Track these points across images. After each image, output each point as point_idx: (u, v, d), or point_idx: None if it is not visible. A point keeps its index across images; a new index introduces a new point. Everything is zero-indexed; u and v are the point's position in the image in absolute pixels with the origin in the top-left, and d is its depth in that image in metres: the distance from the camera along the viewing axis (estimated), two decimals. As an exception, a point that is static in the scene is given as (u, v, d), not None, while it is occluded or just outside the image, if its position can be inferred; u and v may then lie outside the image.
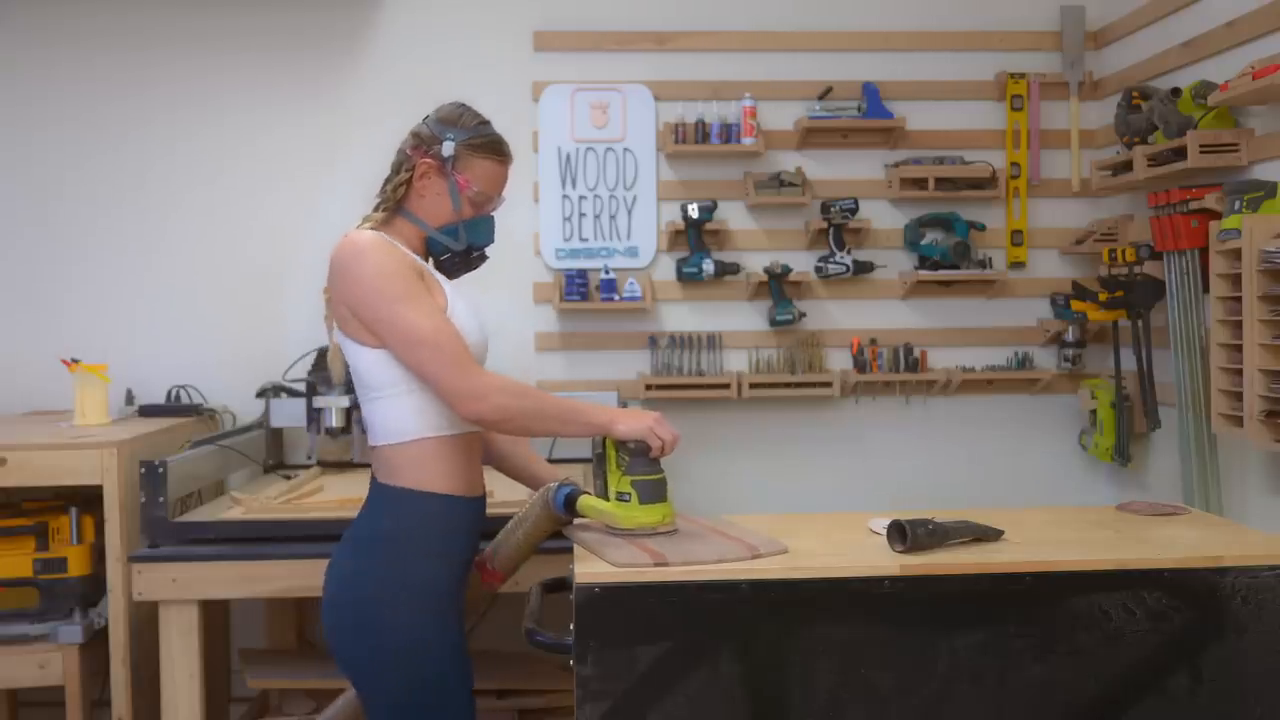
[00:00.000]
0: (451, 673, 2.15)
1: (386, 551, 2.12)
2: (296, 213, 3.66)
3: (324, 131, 3.70)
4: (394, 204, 2.20)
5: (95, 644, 2.95)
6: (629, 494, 2.14)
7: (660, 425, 2.11)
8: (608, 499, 2.17)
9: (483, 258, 2.29)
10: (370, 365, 2.12)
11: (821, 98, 3.75)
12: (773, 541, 2.10)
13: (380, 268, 2.06)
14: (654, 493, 2.15)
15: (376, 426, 2.16)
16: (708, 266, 3.69)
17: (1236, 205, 2.86)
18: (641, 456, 2.13)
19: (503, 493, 2.60)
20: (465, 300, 2.21)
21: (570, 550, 2.14)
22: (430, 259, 2.26)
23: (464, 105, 2.26)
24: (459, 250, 2.22)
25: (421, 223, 2.20)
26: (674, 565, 1.98)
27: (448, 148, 2.17)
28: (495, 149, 2.23)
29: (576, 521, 2.22)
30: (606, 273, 3.72)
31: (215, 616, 3.41)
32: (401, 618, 2.09)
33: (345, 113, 3.68)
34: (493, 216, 2.28)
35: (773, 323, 3.76)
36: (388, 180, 2.22)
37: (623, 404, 3.60)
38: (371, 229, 2.16)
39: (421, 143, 2.19)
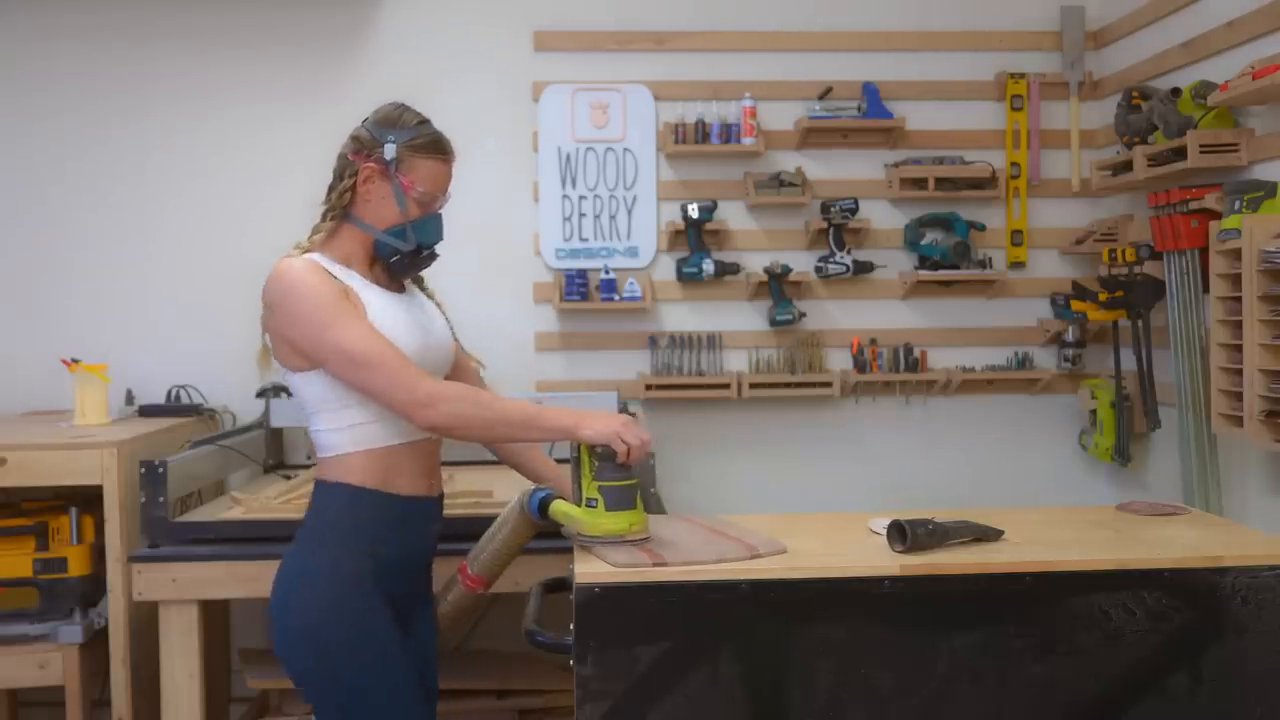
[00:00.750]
0: (371, 668, 2.10)
1: (307, 544, 2.15)
2: (296, 212, 3.64)
3: (324, 130, 3.63)
4: (340, 211, 2.20)
5: (95, 644, 2.95)
6: (596, 500, 2.10)
7: (628, 429, 2.05)
8: (580, 504, 2.14)
9: (432, 256, 2.26)
10: (300, 387, 2.15)
11: (821, 98, 3.75)
12: (772, 541, 2.10)
13: (306, 298, 2.07)
14: (621, 499, 2.10)
15: (321, 444, 2.17)
16: (708, 266, 3.69)
17: (1236, 205, 2.86)
18: (610, 461, 2.07)
19: (501, 493, 2.60)
20: (405, 308, 2.20)
21: (570, 550, 2.14)
22: (377, 262, 2.23)
23: (402, 105, 2.24)
24: (408, 251, 2.20)
25: (369, 227, 2.18)
26: (673, 566, 1.98)
27: (389, 150, 2.15)
28: (437, 148, 2.20)
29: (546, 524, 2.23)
30: (606, 273, 3.72)
31: (215, 616, 3.41)
32: (320, 603, 2.08)
33: (345, 111, 3.59)
34: (440, 215, 2.25)
35: (773, 323, 3.76)
36: (331, 187, 2.21)
37: (623, 405, 3.60)
38: (307, 247, 2.18)
39: (362, 147, 2.18)
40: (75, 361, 3.30)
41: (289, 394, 3.46)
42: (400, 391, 2.04)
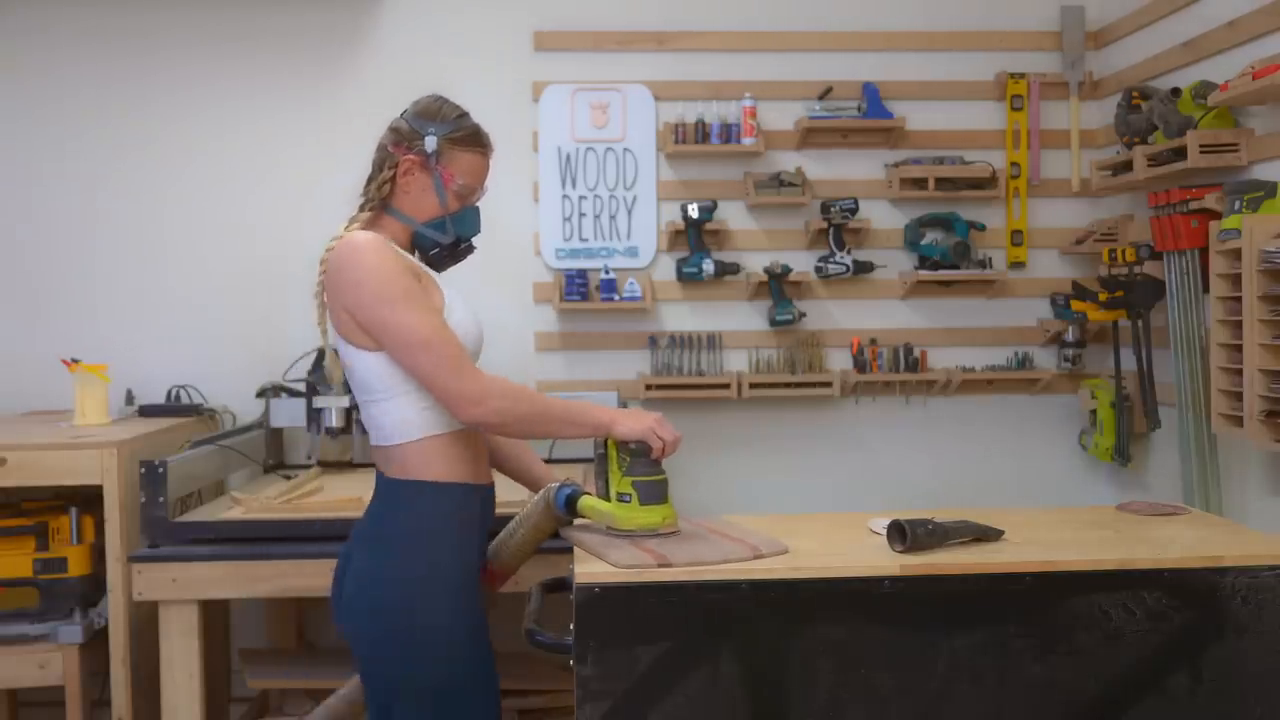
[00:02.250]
0: (481, 662, 2.15)
1: (410, 547, 2.10)
2: (297, 212, 3.66)
3: (324, 131, 3.70)
4: (379, 202, 2.18)
5: (95, 644, 2.95)
6: (630, 495, 2.13)
7: (661, 426, 2.10)
8: (609, 499, 2.17)
9: (470, 249, 2.26)
10: (370, 368, 2.10)
11: (821, 98, 3.75)
12: (774, 541, 2.10)
13: (377, 270, 2.05)
14: (655, 493, 2.14)
15: (384, 427, 2.14)
16: (708, 266, 3.69)
17: (1236, 205, 2.86)
18: (643, 457, 2.12)
19: (504, 493, 2.60)
20: (463, 298, 2.20)
21: (570, 550, 2.14)
22: (417, 254, 2.24)
23: (442, 98, 2.24)
24: (447, 243, 2.20)
25: (408, 219, 2.18)
26: (677, 566, 1.98)
27: (430, 143, 2.15)
28: (476, 140, 2.21)
29: (577, 522, 2.22)
30: (606, 273, 3.72)
31: (215, 616, 3.41)
32: (432, 615, 2.08)
33: (346, 112, 3.68)
34: (478, 207, 2.26)
35: (773, 323, 3.76)
36: (370, 179, 2.20)
37: (623, 404, 3.60)
38: (361, 229, 2.14)
39: (402, 139, 2.17)
40: (75, 361, 3.30)
41: (289, 394, 3.47)
42: (452, 382, 2.03)
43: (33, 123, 3.67)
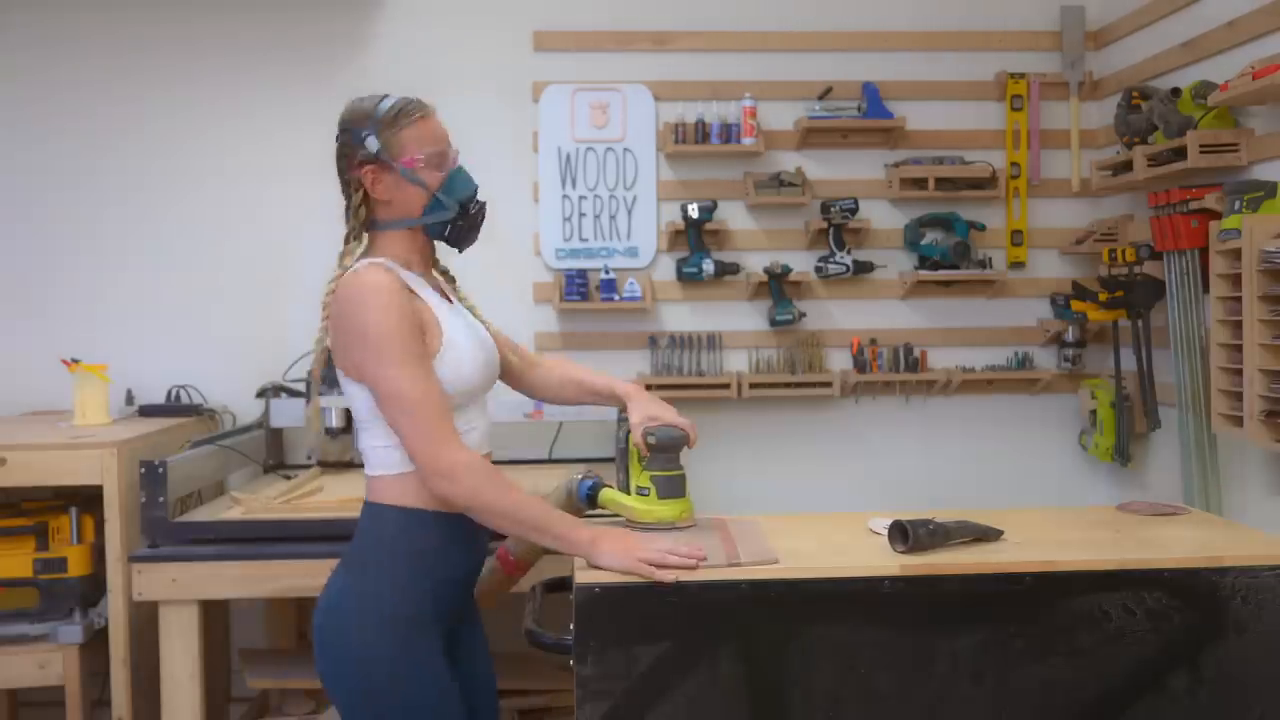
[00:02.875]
0: (418, 698, 2.04)
1: (365, 569, 2.06)
2: (297, 213, 3.66)
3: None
4: (363, 226, 2.12)
5: (95, 644, 2.95)
6: (648, 489, 2.18)
7: (650, 553, 1.97)
8: (629, 493, 2.21)
9: (481, 208, 2.17)
10: (366, 403, 2.06)
11: (821, 98, 3.75)
12: (764, 550, 2.07)
13: (379, 324, 1.98)
14: (672, 488, 2.18)
15: (369, 457, 2.10)
16: (708, 266, 3.69)
17: (1236, 205, 2.85)
18: (662, 453, 2.16)
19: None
20: (467, 327, 2.14)
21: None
22: (429, 253, 2.19)
23: (356, 99, 2.17)
24: (455, 216, 2.13)
25: (405, 221, 2.12)
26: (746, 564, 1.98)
27: (371, 143, 2.08)
28: (409, 111, 2.12)
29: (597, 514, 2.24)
30: (606, 273, 3.72)
31: (215, 616, 3.41)
32: (368, 635, 2.01)
33: None
34: (462, 166, 2.17)
35: (773, 323, 3.76)
36: (347, 210, 2.13)
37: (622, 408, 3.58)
38: (366, 260, 2.08)
39: (349, 157, 2.10)
40: (75, 361, 3.30)
41: (289, 394, 3.47)
42: (427, 450, 1.98)
43: (33, 125, 3.67)
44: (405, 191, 2.11)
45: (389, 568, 2.05)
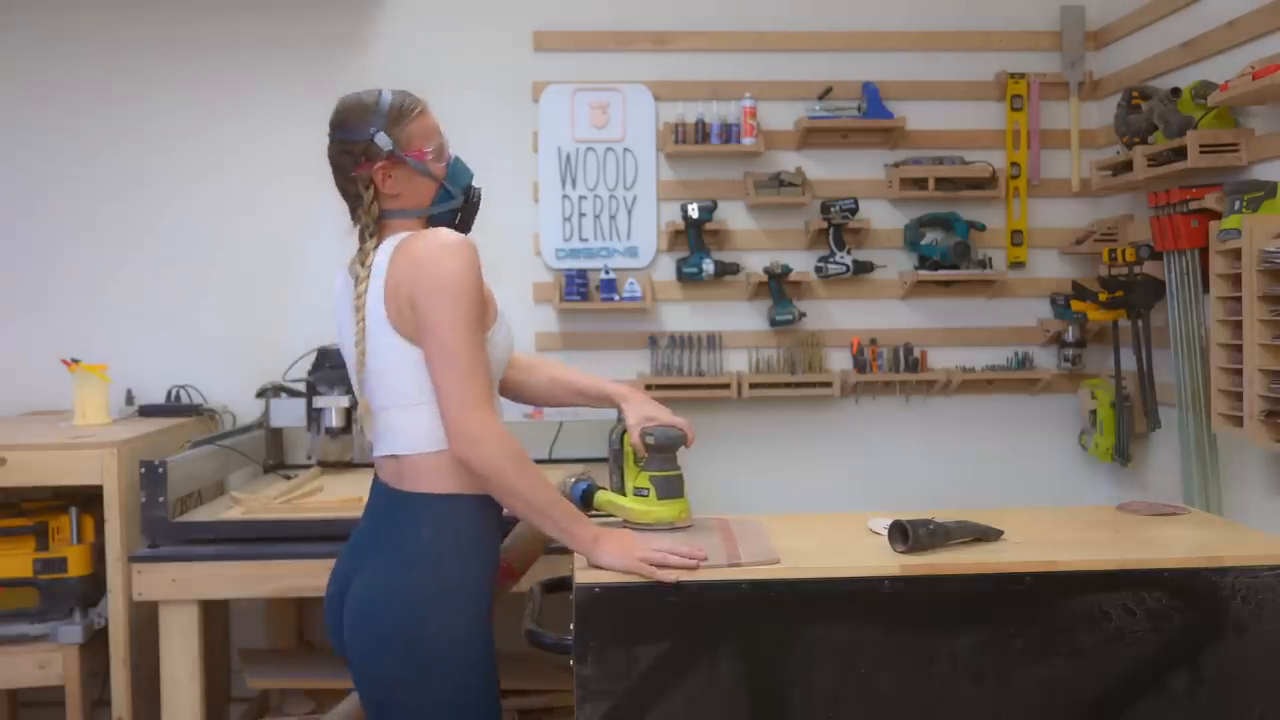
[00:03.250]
0: (492, 678, 2.06)
1: (428, 562, 2.02)
2: (296, 213, 3.66)
3: (323, 133, 3.69)
4: (378, 219, 2.10)
5: (95, 644, 2.95)
6: (647, 489, 2.17)
7: (650, 554, 1.98)
8: (624, 494, 2.20)
9: (479, 195, 2.20)
10: (410, 368, 2.02)
11: (821, 98, 3.75)
12: (766, 550, 2.07)
13: (463, 277, 1.98)
14: (671, 488, 2.18)
15: (413, 433, 2.04)
16: (708, 266, 3.70)
17: (1236, 205, 2.85)
18: (659, 453, 2.15)
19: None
20: (505, 315, 2.16)
21: (570, 550, 2.14)
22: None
23: (349, 97, 2.18)
24: (461, 203, 2.16)
25: (417, 212, 2.12)
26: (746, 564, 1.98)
27: (383, 140, 2.07)
28: (410, 104, 2.14)
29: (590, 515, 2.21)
30: (606, 273, 3.72)
31: (215, 616, 3.41)
32: (450, 629, 2.00)
33: None
34: (457, 155, 2.19)
35: (773, 323, 3.76)
36: (356, 209, 2.11)
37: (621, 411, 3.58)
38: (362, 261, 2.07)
39: (358, 155, 2.08)
40: (75, 361, 3.30)
41: (289, 394, 3.47)
42: (464, 410, 1.95)
43: (34, 125, 3.67)
44: (416, 184, 2.11)
45: (452, 552, 2.03)
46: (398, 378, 2.04)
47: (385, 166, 2.08)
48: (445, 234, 2.04)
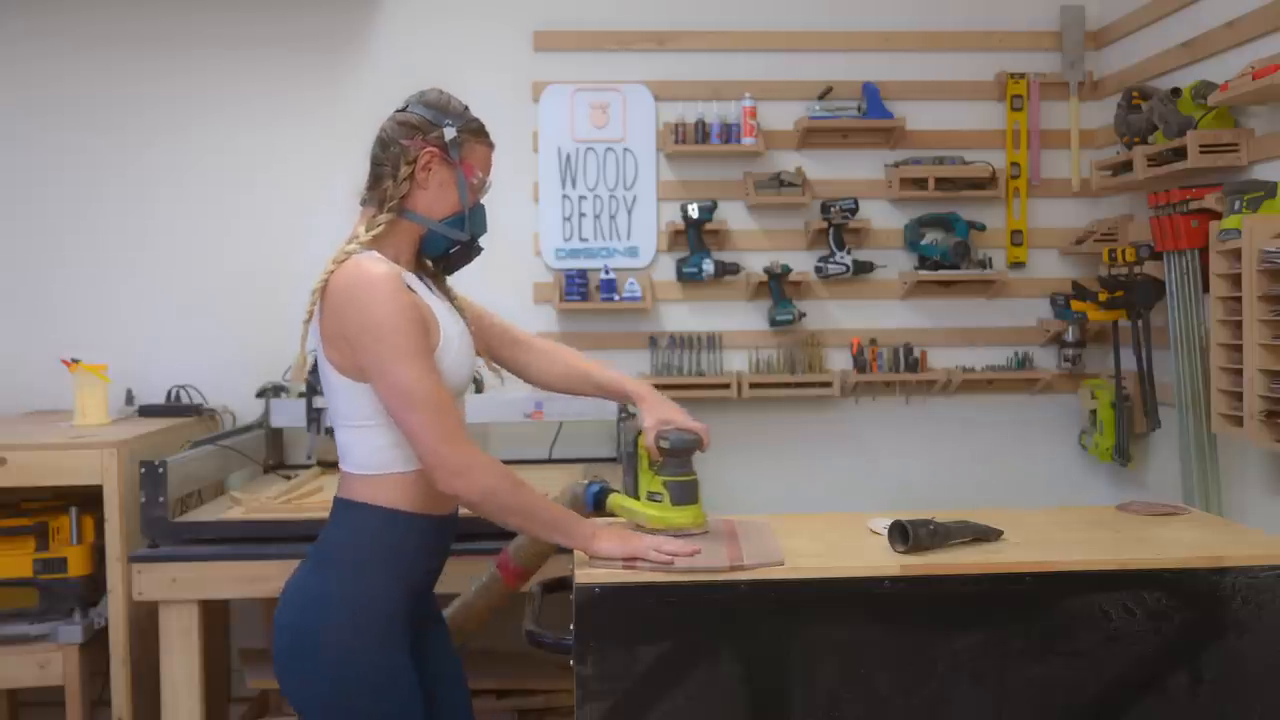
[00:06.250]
0: (389, 693, 2.01)
1: (333, 565, 2.03)
2: (297, 213, 3.67)
3: (324, 133, 3.70)
4: (398, 203, 2.03)
5: (95, 644, 2.95)
6: (661, 494, 2.12)
7: (645, 553, 1.98)
8: (638, 498, 2.15)
9: (479, 250, 2.16)
10: (352, 398, 2.01)
11: (821, 98, 3.75)
12: (770, 552, 2.06)
13: (392, 318, 1.92)
14: (686, 494, 2.13)
15: (348, 454, 2.07)
16: (708, 266, 3.69)
17: (1236, 205, 2.86)
18: (675, 458, 2.11)
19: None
20: (456, 326, 2.10)
21: (570, 550, 2.14)
22: (421, 258, 2.13)
23: (445, 91, 2.16)
24: (465, 241, 2.10)
25: (422, 218, 2.06)
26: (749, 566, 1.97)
27: (449, 132, 2.05)
28: (486, 132, 2.13)
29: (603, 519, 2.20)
30: (606, 273, 3.72)
31: (215, 616, 3.41)
32: (336, 632, 1.98)
33: (345, 114, 3.68)
34: (484, 205, 2.15)
35: (773, 323, 3.76)
36: (380, 178, 2.05)
37: (622, 408, 3.58)
38: (371, 242, 2.02)
39: (416, 130, 2.04)
40: (75, 361, 3.29)
41: (289, 394, 3.47)
42: (441, 447, 1.93)
43: (33, 125, 3.67)
44: (445, 192, 2.07)
45: (367, 567, 2.01)
46: (333, 399, 2.05)
47: (435, 154, 2.04)
48: (365, 267, 1.95)
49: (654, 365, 3.76)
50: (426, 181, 2.05)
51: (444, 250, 2.11)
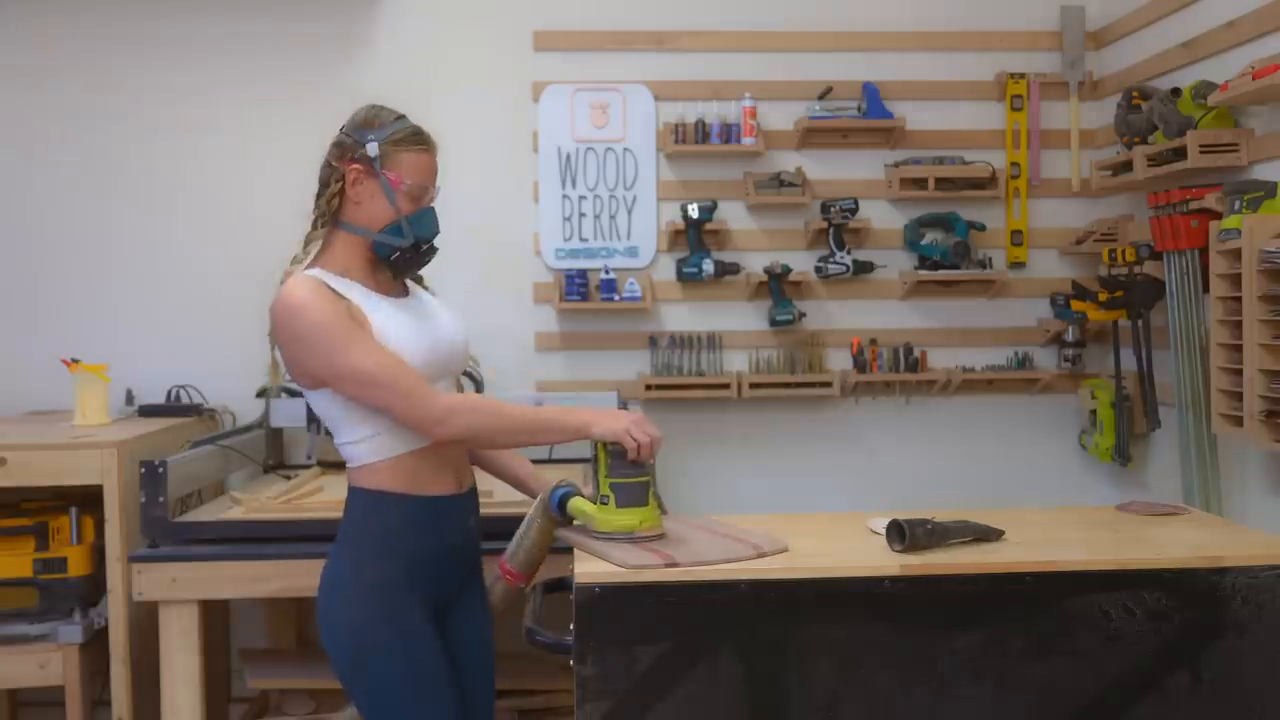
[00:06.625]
0: (412, 670, 2.13)
1: (344, 548, 2.18)
2: (296, 214, 3.63)
3: (324, 133, 3.67)
4: (330, 217, 2.21)
5: (95, 644, 2.95)
6: (609, 497, 2.12)
7: (638, 426, 2.10)
8: (596, 501, 2.15)
9: (432, 250, 2.26)
10: (323, 406, 2.17)
11: (821, 98, 3.75)
12: (774, 540, 2.10)
13: (318, 324, 2.07)
14: (633, 496, 2.11)
15: (341, 450, 2.21)
16: (708, 266, 3.69)
17: (1236, 205, 2.86)
18: (621, 458, 2.09)
19: (502, 493, 2.60)
20: (399, 314, 2.18)
21: (570, 550, 2.14)
22: (379, 266, 2.23)
23: (377, 105, 2.26)
24: (407, 246, 2.20)
25: (362, 230, 2.19)
26: (684, 566, 1.97)
27: (371, 148, 2.17)
28: (417, 139, 2.22)
29: (576, 523, 2.21)
30: (606, 273, 3.72)
31: (215, 616, 3.41)
32: (344, 612, 2.13)
33: (346, 115, 3.61)
34: (433, 208, 2.26)
35: (773, 323, 3.76)
36: (319, 195, 2.23)
37: (623, 405, 3.59)
38: (305, 260, 2.20)
39: (345, 151, 2.19)
40: (75, 361, 3.29)
41: (289, 394, 3.47)
42: (415, 410, 2.07)
43: (32, 124, 3.67)
44: (377, 203, 2.19)
45: (365, 543, 2.16)
46: (319, 411, 2.21)
47: (360, 170, 2.18)
48: (287, 288, 2.13)
49: (654, 365, 3.76)
50: (358, 196, 2.20)
51: (388, 255, 2.22)
